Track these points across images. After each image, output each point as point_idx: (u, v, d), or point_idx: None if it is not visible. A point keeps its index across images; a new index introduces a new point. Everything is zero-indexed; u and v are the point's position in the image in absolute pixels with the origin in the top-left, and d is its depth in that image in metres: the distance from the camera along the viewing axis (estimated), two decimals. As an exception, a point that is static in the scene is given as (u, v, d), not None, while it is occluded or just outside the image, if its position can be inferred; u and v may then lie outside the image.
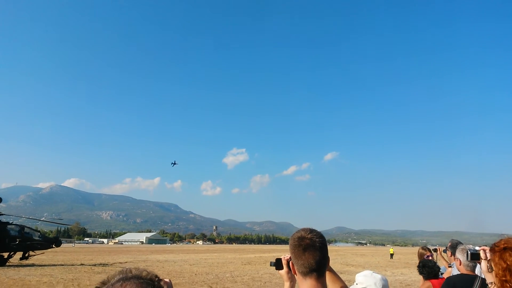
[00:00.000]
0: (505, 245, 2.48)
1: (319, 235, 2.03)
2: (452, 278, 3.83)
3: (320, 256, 1.95)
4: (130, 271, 1.45)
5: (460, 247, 3.93)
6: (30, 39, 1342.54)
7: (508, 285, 2.29)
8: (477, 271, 4.15)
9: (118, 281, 1.45)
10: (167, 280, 1.60)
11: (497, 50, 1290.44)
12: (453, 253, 4.45)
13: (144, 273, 1.46)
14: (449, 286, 3.72)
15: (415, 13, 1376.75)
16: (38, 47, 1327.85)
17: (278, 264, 2.18)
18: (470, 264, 3.71)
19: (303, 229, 2.07)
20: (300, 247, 1.97)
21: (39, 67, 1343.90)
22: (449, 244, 5.58)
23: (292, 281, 2.17)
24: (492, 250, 2.60)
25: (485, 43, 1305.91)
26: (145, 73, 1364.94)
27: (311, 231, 2.04)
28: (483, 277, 3.67)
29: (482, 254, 2.73)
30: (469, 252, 2.92)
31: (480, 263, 2.89)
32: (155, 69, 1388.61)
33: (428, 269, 4.23)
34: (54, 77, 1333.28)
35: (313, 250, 1.94)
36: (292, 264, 2.05)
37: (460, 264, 3.82)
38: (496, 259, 2.50)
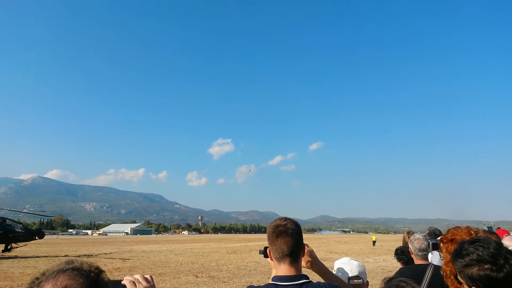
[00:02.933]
0: (452, 237, 2.45)
1: (294, 223, 2.13)
2: (402, 270, 3.74)
3: (292, 242, 2.06)
4: (72, 263, 1.42)
5: (410, 237, 3.88)
6: (19, 34, 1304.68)
7: (452, 277, 2.20)
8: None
9: (53, 272, 1.42)
10: (147, 276, 1.53)
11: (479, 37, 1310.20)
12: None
13: (84, 265, 1.41)
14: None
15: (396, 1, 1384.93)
16: (25, 42, 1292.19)
17: (266, 252, 2.26)
18: (420, 253, 3.66)
19: (279, 218, 2.18)
20: (274, 234, 2.09)
21: (22, 59, 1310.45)
22: (427, 231, 5.73)
23: None
24: (441, 241, 2.56)
25: (470, 32, 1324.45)
26: (130, 65, 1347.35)
27: (286, 219, 2.15)
28: (436, 264, 3.72)
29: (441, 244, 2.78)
30: (430, 242, 2.97)
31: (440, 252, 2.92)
32: (139, 60, 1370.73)
33: (408, 254, 4.24)
34: (37, 70, 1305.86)
35: (285, 237, 2.06)
36: (269, 251, 2.16)
37: (412, 254, 3.76)
38: (444, 250, 2.47)
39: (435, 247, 2.91)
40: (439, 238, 2.66)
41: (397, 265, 4.58)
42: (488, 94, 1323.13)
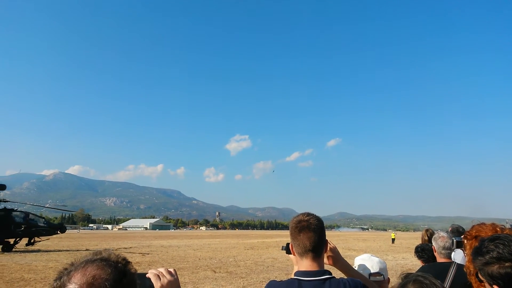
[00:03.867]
0: (476, 234, 2.39)
1: (316, 218, 2.13)
2: (424, 268, 3.68)
3: (315, 237, 2.06)
4: (100, 253, 1.43)
5: (434, 235, 3.78)
6: (34, 29, 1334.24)
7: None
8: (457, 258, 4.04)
9: (82, 262, 1.44)
10: (171, 269, 1.56)
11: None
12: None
13: (112, 256, 1.43)
14: None
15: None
16: (42, 38, 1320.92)
17: (288, 248, 2.27)
18: (444, 251, 3.55)
19: (302, 213, 2.19)
20: (296, 229, 2.10)
21: (42, 56, 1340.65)
22: (450, 229, 5.60)
23: None
24: (464, 238, 2.51)
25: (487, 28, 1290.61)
26: (148, 60, 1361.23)
27: (309, 214, 2.16)
28: (459, 262, 3.59)
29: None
30: (454, 240, 2.89)
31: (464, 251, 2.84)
32: (157, 56, 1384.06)
33: (428, 252, 4.18)
34: (57, 67, 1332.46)
35: (308, 232, 2.06)
36: (291, 246, 2.17)
37: (435, 252, 3.66)
38: (467, 247, 2.42)
39: (459, 245, 2.83)
40: (463, 235, 2.60)
41: (416, 263, 4.50)
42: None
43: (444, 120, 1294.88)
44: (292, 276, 2.10)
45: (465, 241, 2.51)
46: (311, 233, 2.06)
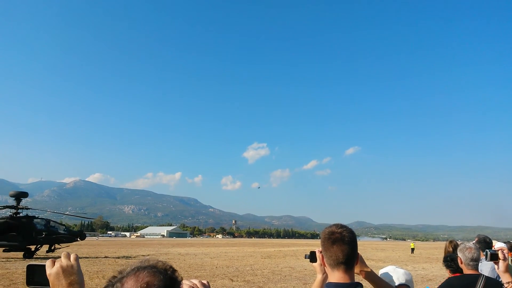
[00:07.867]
0: None
1: (349, 231, 2.13)
2: (451, 280, 3.60)
3: (348, 250, 2.04)
4: (147, 261, 1.49)
5: (460, 246, 3.71)
6: (61, 39, 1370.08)
7: None
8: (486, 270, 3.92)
9: (133, 270, 1.50)
10: (204, 281, 1.54)
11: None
12: (482, 249, 4.28)
13: (159, 264, 1.49)
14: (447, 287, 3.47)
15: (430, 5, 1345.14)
16: (62, 45, 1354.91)
17: (312, 257, 2.31)
18: (472, 263, 3.47)
19: (335, 224, 2.16)
20: (329, 240, 2.08)
21: (61, 62, 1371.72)
22: (476, 239, 5.43)
23: (325, 273, 2.28)
24: None
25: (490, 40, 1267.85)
26: (167, 67, 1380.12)
27: (342, 226, 2.14)
28: (487, 275, 3.49)
29: (500, 255, 2.63)
30: (489, 252, 2.81)
31: (497, 264, 2.76)
32: (175, 63, 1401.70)
33: (457, 262, 4.09)
34: (78, 73, 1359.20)
35: (341, 244, 2.04)
36: (322, 257, 2.15)
37: (461, 263, 3.58)
38: None
39: (494, 257, 2.74)
40: (505, 247, 2.54)
41: (437, 274, 4.41)
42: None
43: (465, 129, 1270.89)
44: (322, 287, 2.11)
45: None
46: (345, 245, 2.04)
